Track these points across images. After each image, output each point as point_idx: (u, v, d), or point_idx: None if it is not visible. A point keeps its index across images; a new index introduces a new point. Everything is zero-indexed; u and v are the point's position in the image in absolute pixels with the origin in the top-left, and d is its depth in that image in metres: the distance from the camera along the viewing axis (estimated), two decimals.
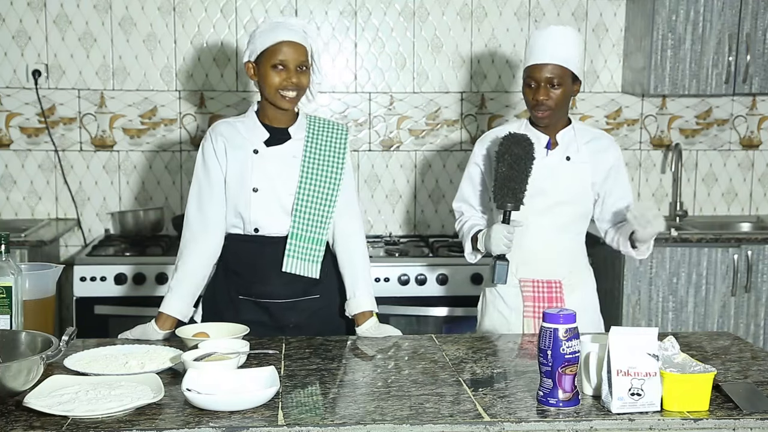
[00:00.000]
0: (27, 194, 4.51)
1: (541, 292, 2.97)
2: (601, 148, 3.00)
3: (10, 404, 2.06)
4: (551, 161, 2.95)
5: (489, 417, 2.04)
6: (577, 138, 2.98)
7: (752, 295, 4.24)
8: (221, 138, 2.85)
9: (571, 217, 2.97)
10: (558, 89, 2.87)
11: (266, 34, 2.77)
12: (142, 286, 3.93)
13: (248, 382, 2.17)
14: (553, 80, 2.86)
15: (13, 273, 2.44)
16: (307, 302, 2.88)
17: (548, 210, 2.94)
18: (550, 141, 2.96)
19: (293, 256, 2.82)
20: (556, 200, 2.94)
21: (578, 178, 2.96)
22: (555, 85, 2.86)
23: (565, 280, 2.97)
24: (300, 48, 2.77)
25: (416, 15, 4.55)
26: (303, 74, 2.78)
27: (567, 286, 2.97)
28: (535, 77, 2.88)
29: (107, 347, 2.48)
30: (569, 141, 2.97)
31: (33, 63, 4.43)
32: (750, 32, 4.36)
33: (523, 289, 2.98)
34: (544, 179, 2.91)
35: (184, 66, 4.49)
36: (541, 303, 2.96)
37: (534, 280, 2.97)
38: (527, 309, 2.97)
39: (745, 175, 4.81)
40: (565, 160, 2.95)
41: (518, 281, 2.98)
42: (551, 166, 2.94)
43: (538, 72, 2.87)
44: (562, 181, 2.94)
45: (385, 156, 4.62)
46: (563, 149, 2.97)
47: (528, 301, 2.97)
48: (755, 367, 2.43)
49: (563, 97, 2.89)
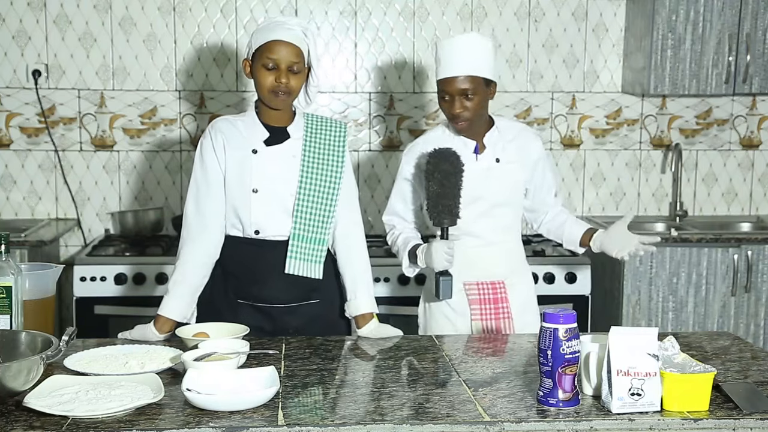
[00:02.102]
0: (27, 194, 4.51)
1: (486, 294, 2.98)
2: (526, 143, 3.04)
3: (10, 404, 2.06)
4: (481, 165, 2.97)
5: (489, 417, 2.04)
6: (502, 137, 3.01)
7: (752, 295, 4.24)
8: (221, 135, 2.82)
9: (507, 218, 3.01)
10: (473, 99, 2.87)
11: (263, 32, 2.76)
12: (142, 286, 3.93)
13: (248, 382, 2.17)
14: (466, 91, 2.86)
15: (13, 273, 2.44)
16: (308, 307, 2.86)
17: (485, 214, 2.97)
18: (477, 145, 2.98)
19: (296, 257, 2.80)
20: (491, 203, 2.97)
21: (509, 178, 2.99)
22: (469, 96, 2.86)
23: (507, 279, 3.00)
24: (293, 49, 2.74)
25: (416, 15, 4.55)
26: (294, 76, 2.75)
27: (509, 285, 3.00)
28: (448, 91, 2.88)
29: (107, 347, 2.48)
30: (495, 142, 3.00)
31: (33, 63, 4.43)
32: (750, 32, 4.36)
33: (468, 292, 2.98)
34: (478, 184, 2.93)
35: (184, 66, 4.49)
36: (487, 305, 2.97)
37: (478, 283, 2.98)
38: (474, 312, 2.98)
39: (745, 175, 4.81)
40: (495, 162, 2.98)
41: (462, 285, 2.98)
42: (482, 171, 2.96)
43: (450, 85, 2.87)
44: (494, 183, 2.97)
45: (385, 156, 4.62)
46: (491, 152, 2.99)
47: (474, 305, 2.98)
48: (755, 367, 2.43)
49: (479, 105, 2.89)
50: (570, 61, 4.63)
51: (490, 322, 2.96)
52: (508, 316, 2.97)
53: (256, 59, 2.76)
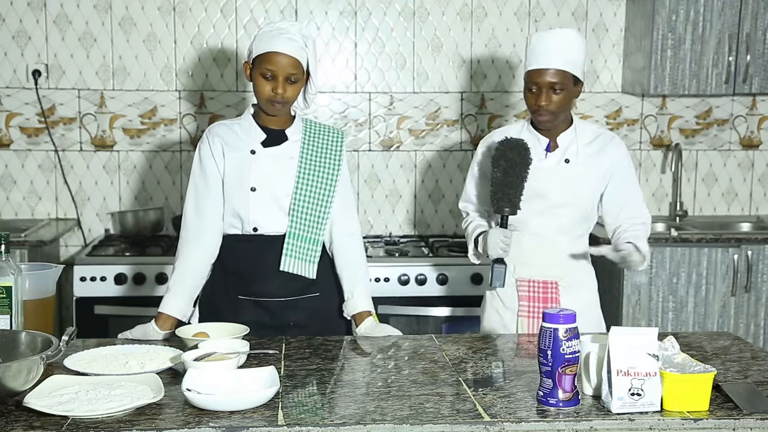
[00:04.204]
0: (27, 194, 4.51)
1: (537, 292, 2.97)
2: (603, 148, 2.98)
3: (10, 404, 2.06)
4: (549, 164, 2.95)
5: (489, 417, 2.04)
6: (578, 139, 2.97)
7: (752, 295, 4.24)
8: (218, 139, 2.86)
9: (569, 219, 2.96)
10: (560, 93, 2.86)
11: (264, 39, 2.78)
12: (142, 286, 3.93)
13: (248, 382, 2.17)
14: (555, 85, 2.85)
15: (13, 273, 2.44)
16: (307, 300, 2.88)
17: (546, 212, 2.94)
18: (549, 143, 2.96)
19: (291, 255, 2.83)
20: (553, 203, 2.94)
21: (577, 180, 2.95)
22: (557, 90, 2.85)
23: (561, 280, 2.97)
24: (292, 60, 2.76)
25: (416, 15, 4.55)
26: (291, 86, 2.78)
27: (563, 286, 2.97)
28: (537, 82, 2.87)
29: (107, 347, 2.48)
30: (569, 143, 2.97)
31: (33, 63, 4.43)
32: (750, 32, 4.36)
33: (519, 288, 2.98)
34: (542, 182, 2.91)
35: (184, 66, 4.49)
36: (536, 303, 2.96)
37: (530, 280, 2.97)
38: (522, 309, 2.97)
39: (745, 175, 4.81)
40: (564, 162, 2.95)
41: (515, 281, 2.98)
42: (549, 169, 2.94)
43: (540, 77, 2.86)
44: (560, 183, 2.94)
45: (385, 156, 4.62)
46: (562, 151, 2.96)
47: (523, 301, 2.97)
48: (755, 367, 2.43)
49: (565, 101, 2.88)
50: None
51: (537, 320, 2.94)
52: None
53: (256, 66, 2.80)
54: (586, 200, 2.97)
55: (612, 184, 2.99)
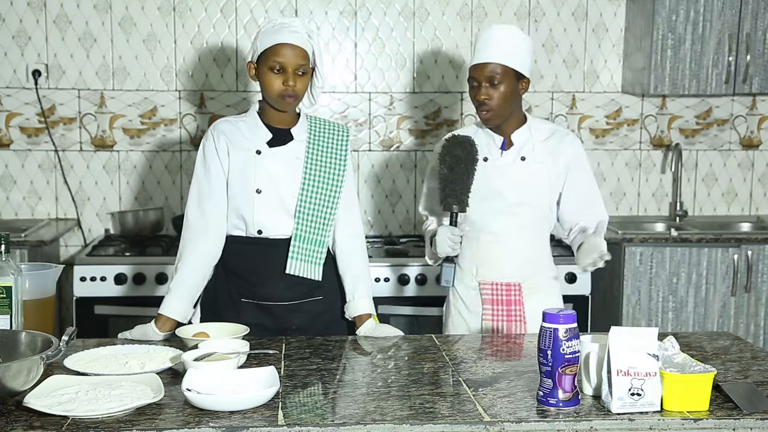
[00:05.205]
0: (27, 194, 4.51)
1: (500, 295, 2.95)
2: (558, 145, 2.96)
3: (10, 404, 2.06)
4: (505, 162, 2.94)
5: (489, 417, 2.04)
6: (533, 136, 2.95)
7: (752, 295, 4.24)
8: (223, 136, 2.82)
9: (528, 218, 2.94)
10: (498, 87, 2.85)
11: (268, 35, 2.75)
12: (142, 286, 3.93)
13: (248, 382, 2.17)
14: (493, 79, 2.84)
15: (13, 273, 2.44)
16: (311, 304, 2.86)
17: (505, 211, 2.92)
18: (504, 141, 2.95)
19: (297, 258, 2.80)
20: (511, 201, 2.92)
21: (533, 177, 2.93)
22: (495, 84, 2.85)
23: (525, 282, 2.95)
24: (300, 51, 2.74)
25: (416, 15, 4.55)
26: (301, 78, 2.75)
27: (527, 289, 2.94)
28: (476, 77, 2.87)
29: (107, 347, 2.48)
30: (524, 141, 2.95)
31: (33, 63, 4.43)
32: (750, 32, 4.36)
33: (482, 291, 2.97)
34: (499, 180, 2.91)
35: (184, 66, 4.49)
36: (499, 306, 2.94)
37: (492, 283, 2.95)
38: (486, 312, 2.96)
39: (745, 175, 4.81)
40: (520, 160, 2.93)
41: (477, 283, 2.97)
42: (505, 167, 2.93)
43: (478, 71, 2.87)
44: (516, 181, 2.92)
45: (385, 156, 4.62)
46: (518, 149, 2.94)
47: (486, 304, 2.96)
48: (755, 367, 2.43)
49: (506, 96, 2.86)
50: (570, 61, 4.63)
51: (501, 323, 2.93)
52: (521, 320, 2.93)
53: (262, 62, 2.76)
54: (543, 197, 2.94)
55: (569, 182, 2.97)
